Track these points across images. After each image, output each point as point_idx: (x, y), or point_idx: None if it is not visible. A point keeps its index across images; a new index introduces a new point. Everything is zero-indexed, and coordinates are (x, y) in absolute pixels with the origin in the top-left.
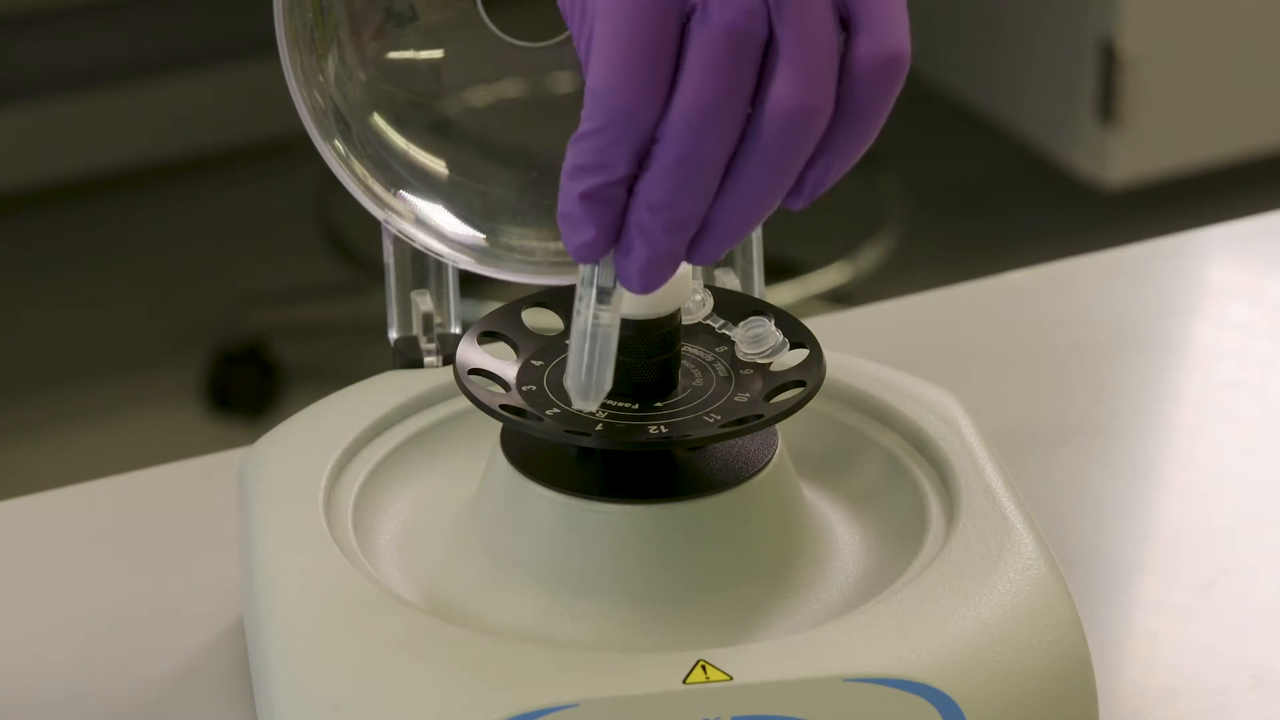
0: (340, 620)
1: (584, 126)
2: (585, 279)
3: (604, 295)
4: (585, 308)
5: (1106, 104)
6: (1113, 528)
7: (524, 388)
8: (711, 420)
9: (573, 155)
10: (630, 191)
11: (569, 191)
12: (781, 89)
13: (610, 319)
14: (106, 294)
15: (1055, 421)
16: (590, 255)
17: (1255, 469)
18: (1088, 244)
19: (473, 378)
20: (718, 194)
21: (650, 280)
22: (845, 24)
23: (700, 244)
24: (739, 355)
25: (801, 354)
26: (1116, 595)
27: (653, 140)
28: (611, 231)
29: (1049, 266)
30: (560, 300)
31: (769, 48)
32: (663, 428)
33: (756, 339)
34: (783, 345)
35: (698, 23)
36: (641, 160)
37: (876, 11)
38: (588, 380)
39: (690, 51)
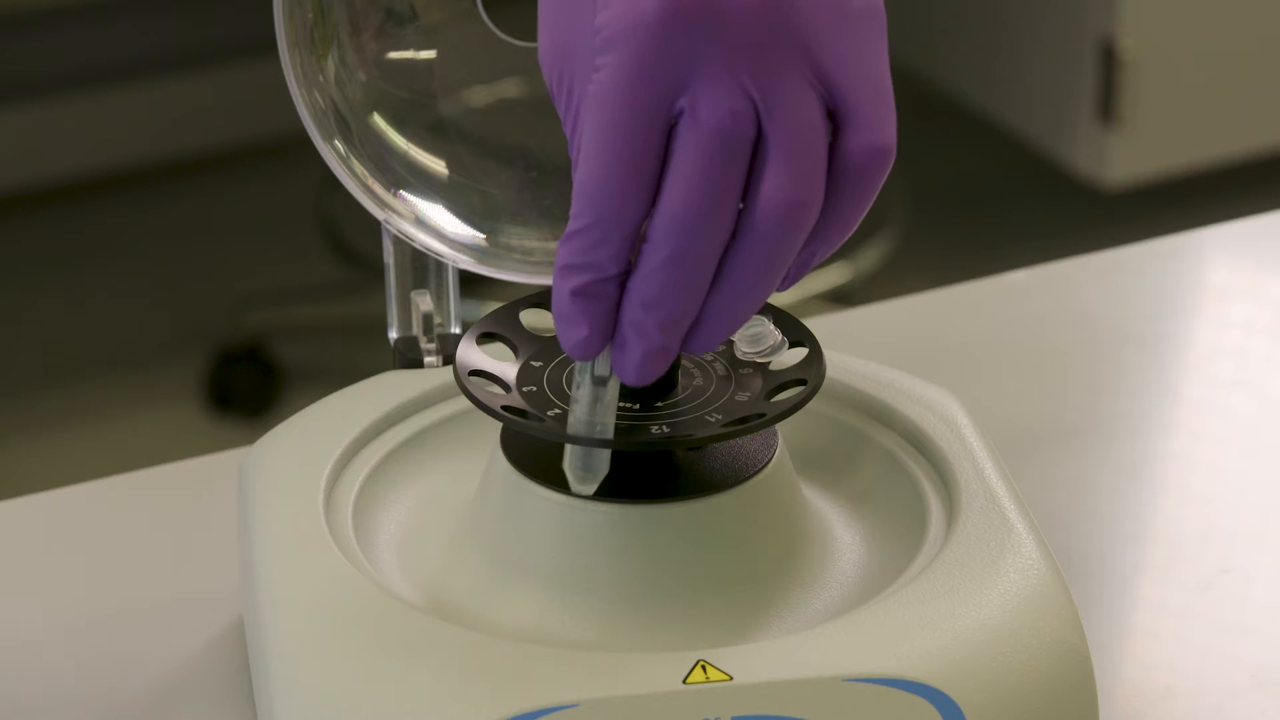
0: (340, 620)
1: (572, 225)
2: (580, 368)
3: (599, 382)
4: (582, 395)
5: (1106, 104)
6: (1113, 528)
7: (524, 389)
8: (713, 420)
9: (562, 254)
10: (622, 287)
11: (561, 289)
12: (773, 186)
13: (607, 406)
14: (106, 294)
15: (1055, 421)
16: (586, 352)
17: (1255, 469)
18: (1088, 244)
19: (473, 379)
20: (711, 287)
21: (646, 373)
22: (832, 115)
23: (695, 336)
24: (738, 354)
25: (800, 353)
26: (1116, 595)
27: (642, 238)
28: (606, 328)
29: (1049, 266)
30: None
31: (758, 144)
32: (665, 427)
33: (755, 338)
34: (782, 344)
35: (686, 125)
36: (631, 257)
37: (864, 105)
38: (585, 464)
39: (679, 153)
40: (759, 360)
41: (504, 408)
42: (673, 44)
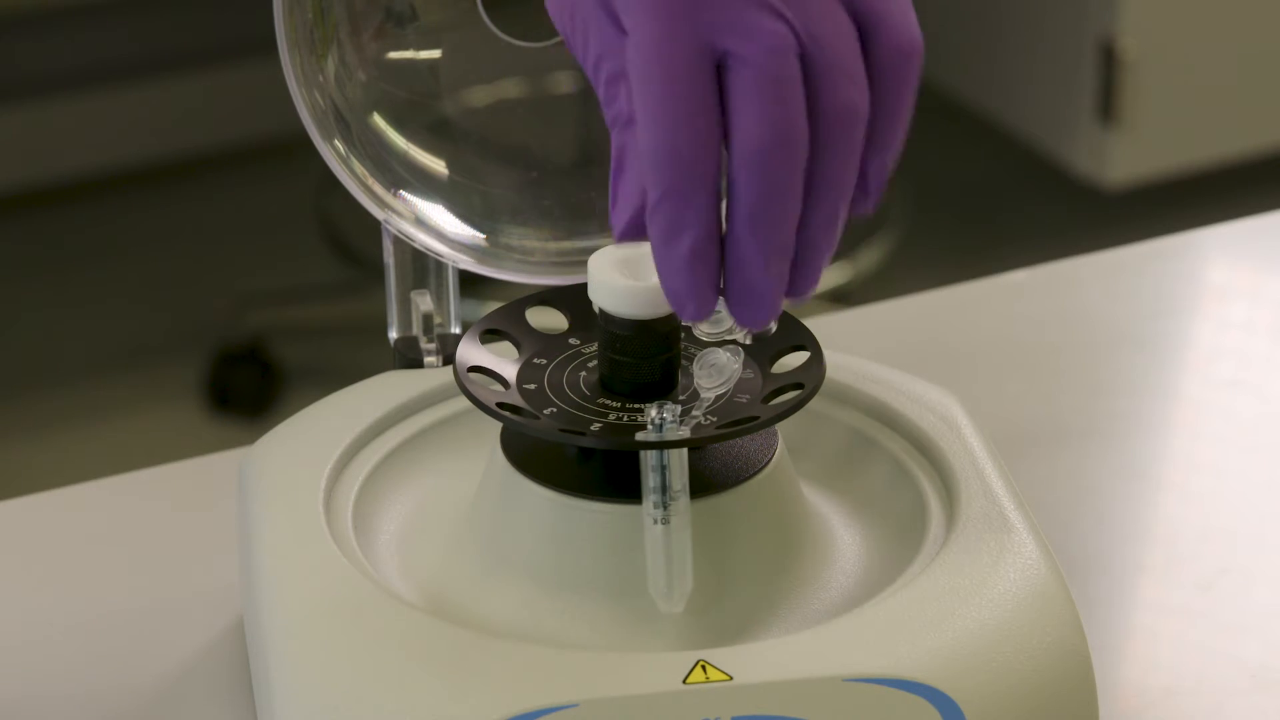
0: (340, 620)
1: (653, 195)
2: (653, 486)
3: (673, 496)
4: (656, 512)
5: (1106, 104)
6: (1113, 528)
7: (524, 386)
8: (708, 421)
9: (657, 224)
10: (720, 246)
11: (669, 260)
12: (831, 94)
13: (681, 521)
14: (106, 294)
15: (1055, 421)
16: (705, 310)
17: (1255, 469)
18: (1088, 244)
19: (472, 375)
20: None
21: (768, 316)
22: (858, 21)
23: (801, 273)
24: (700, 336)
25: (802, 355)
26: (1116, 595)
27: (729, 180)
28: (716, 288)
29: (1049, 266)
30: (564, 299)
31: (802, 58)
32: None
33: (716, 319)
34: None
35: (737, 65)
36: (720, 200)
37: (886, 8)
38: (669, 582)
39: (739, 94)
40: (726, 338)
41: (499, 404)
42: None
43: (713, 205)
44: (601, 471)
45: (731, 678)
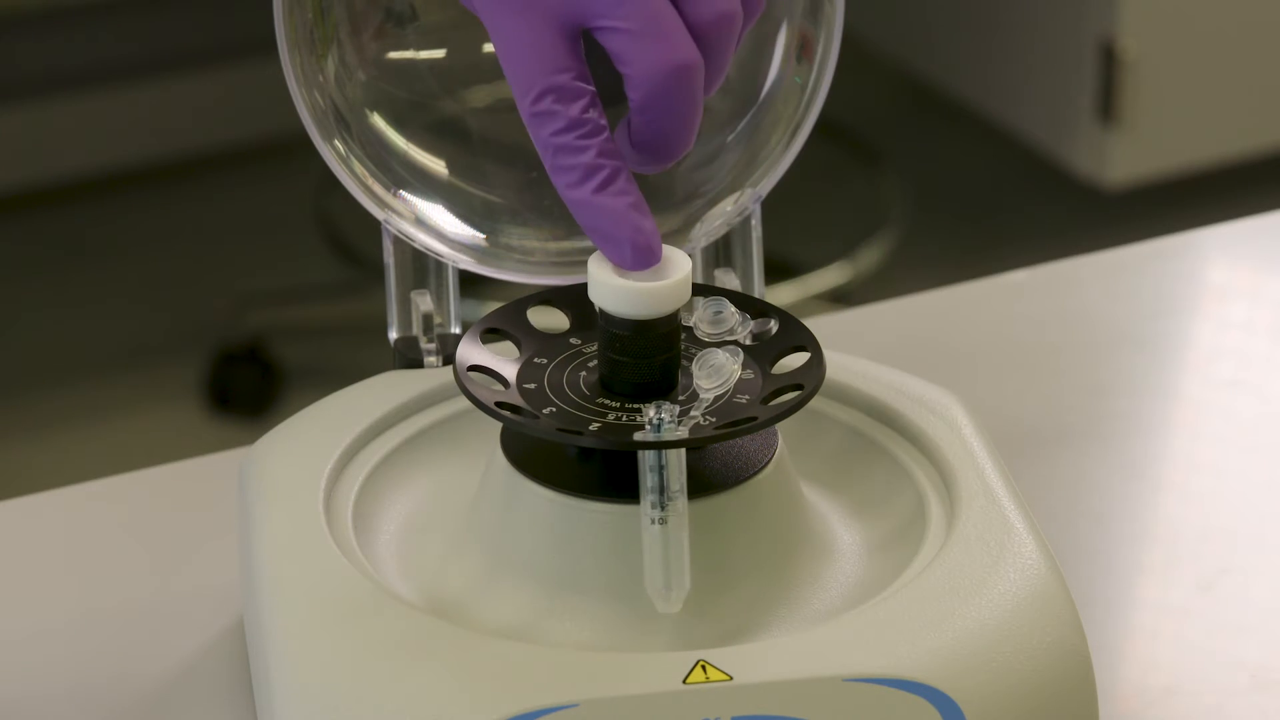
0: (340, 620)
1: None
2: (651, 486)
3: (669, 496)
4: (653, 512)
5: (1106, 104)
6: (1113, 528)
7: (524, 386)
8: (706, 422)
9: (567, 159)
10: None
11: (606, 203)
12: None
13: (678, 521)
14: (106, 294)
15: (1055, 421)
16: (656, 246)
17: (1255, 469)
18: (1088, 244)
19: (472, 375)
20: None
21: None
22: None
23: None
24: (701, 336)
25: (803, 356)
26: (1116, 595)
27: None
28: (648, 214)
29: (1049, 266)
30: (566, 299)
31: None
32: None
33: (717, 320)
34: (744, 322)
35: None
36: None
37: None
38: (666, 582)
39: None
40: (727, 339)
41: (498, 404)
42: None
43: (597, 109)
44: (602, 471)
45: (731, 678)
